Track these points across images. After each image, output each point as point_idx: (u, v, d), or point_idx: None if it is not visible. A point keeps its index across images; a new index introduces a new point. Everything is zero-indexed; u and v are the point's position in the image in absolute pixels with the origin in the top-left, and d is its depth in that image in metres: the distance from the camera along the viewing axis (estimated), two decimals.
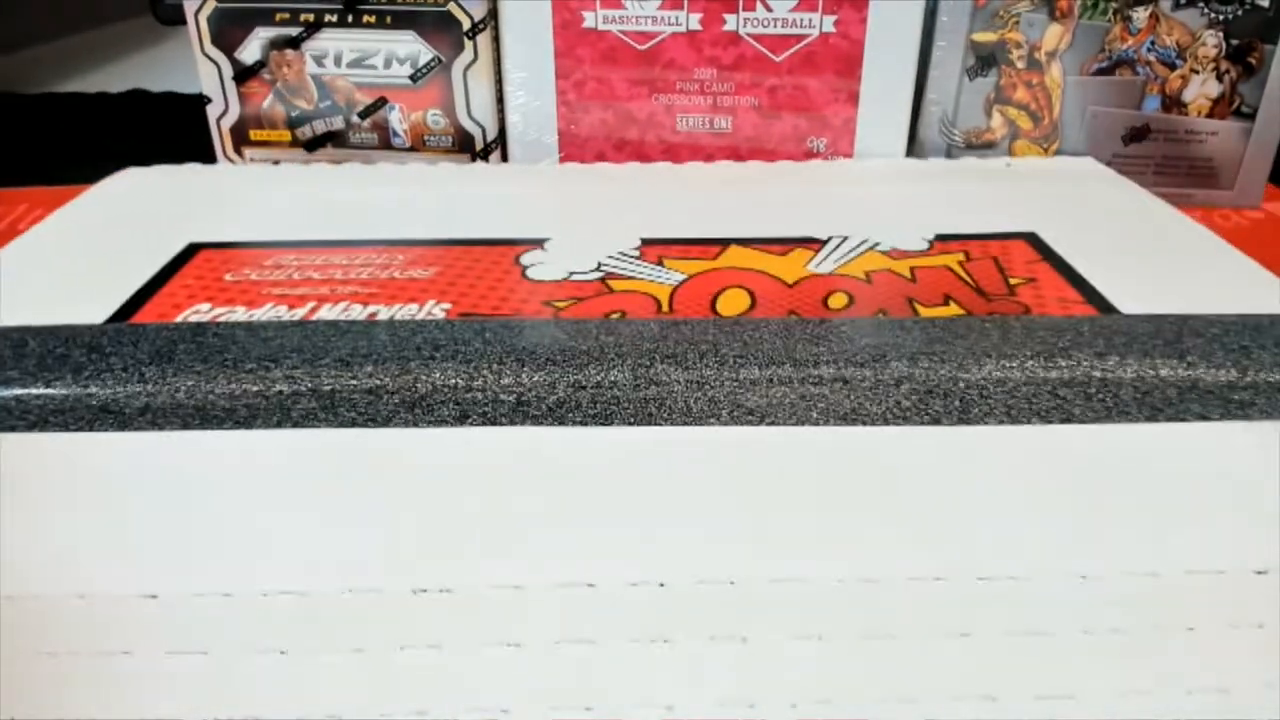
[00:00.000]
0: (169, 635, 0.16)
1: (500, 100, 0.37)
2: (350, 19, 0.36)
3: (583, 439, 0.20)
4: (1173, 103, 0.36)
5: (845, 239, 0.28)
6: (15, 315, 0.23)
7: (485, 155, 0.37)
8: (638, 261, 0.27)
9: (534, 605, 0.16)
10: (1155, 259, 0.27)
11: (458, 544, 0.17)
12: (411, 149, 0.38)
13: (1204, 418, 0.21)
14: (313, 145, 0.38)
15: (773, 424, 0.20)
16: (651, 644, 0.16)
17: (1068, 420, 0.21)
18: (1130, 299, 0.24)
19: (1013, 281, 0.25)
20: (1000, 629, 0.16)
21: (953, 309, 0.24)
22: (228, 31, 0.36)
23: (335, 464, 0.20)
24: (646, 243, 0.28)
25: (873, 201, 0.31)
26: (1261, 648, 0.16)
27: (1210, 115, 0.36)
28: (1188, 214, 0.30)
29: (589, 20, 0.35)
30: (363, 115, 0.37)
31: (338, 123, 0.37)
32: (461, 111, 0.37)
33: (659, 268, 0.26)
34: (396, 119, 0.37)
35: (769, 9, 0.34)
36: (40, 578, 0.17)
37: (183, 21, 0.36)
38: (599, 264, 0.26)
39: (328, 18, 0.36)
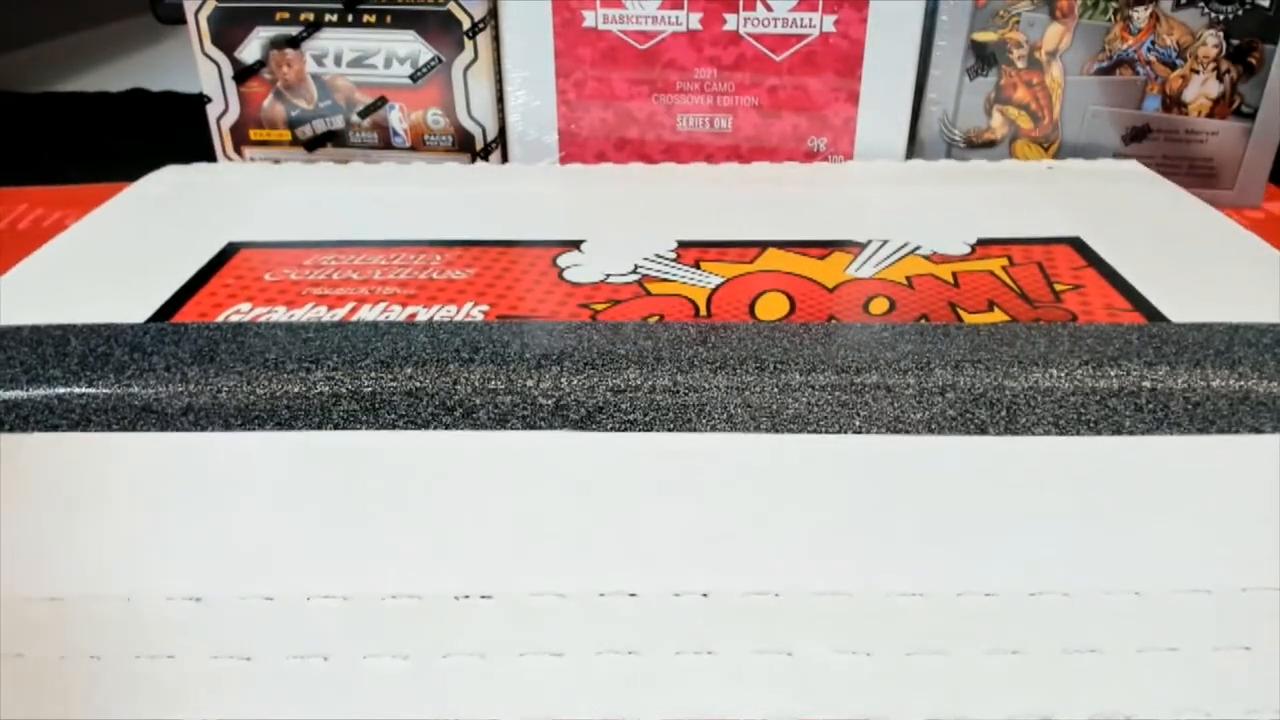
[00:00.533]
0: (212, 639, 0.16)
1: (500, 100, 0.37)
2: (350, 18, 0.36)
3: (623, 445, 0.20)
4: (1173, 102, 0.36)
5: (885, 242, 0.28)
6: (57, 312, 0.23)
7: (485, 155, 0.37)
8: (674, 264, 0.26)
9: (576, 613, 0.16)
10: (1204, 265, 0.26)
11: (498, 550, 0.17)
12: (411, 149, 0.38)
13: (1257, 430, 0.20)
14: (313, 145, 0.38)
15: (815, 432, 0.20)
16: (694, 655, 0.16)
17: (1118, 431, 0.20)
18: (1179, 307, 0.24)
19: (1058, 288, 0.25)
20: (1051, 646, 0.16)
21: (997, 315, 0.23)
22: (228, 31, 0.36)
23: (375, 468, 0.20)
24: (683, 245, 0.28)
25: (912, 204, 0.31)
26: None
27: (1210, 115, 0.36)
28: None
29: (589, 20, 0.35)
30: (363, 115, 0.37)
31: (338, 122, 0.37)
32: (462, 111, 0.37)
33: (696, 270, 0.26)
34: (396, 118, 0.37)
35: (769, 9, 0.34)
36: (83, 579, 0.17)
37: (183, 21, 0.36)
38: (635, 266, 0.26)
39: (328, 17, 0.36)
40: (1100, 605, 0.16)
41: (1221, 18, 0.34)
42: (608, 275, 0.26)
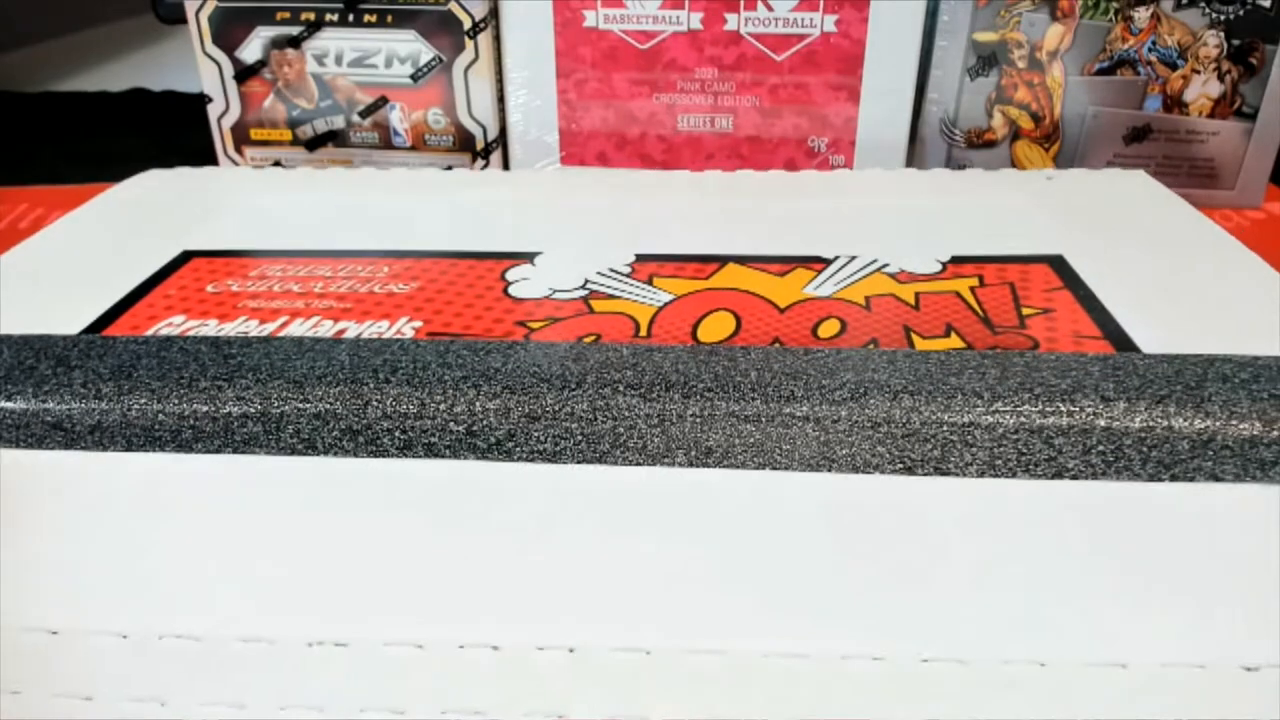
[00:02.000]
0: (65, 674, 0.15)
1: (501, 99, 0.37)
2: (351, 18, 0.36)
3: (529, 477, 0.19)
4: (1174, 103, 0.36)
5: (853, 259, 0.26)
6: (10, 319, 0.23)
7: (486, 155, 0.37)
8: (627, 279, 0.25)
9: (428, 667, 0.15)
10: (1194, 290, 0.24)
11: (361, 595, 0.16)
12: (412, 148, 0.38)
13: (1215, 478, 0.18)
14: (313, 145, 0.38)
15: (731, 467, 0.19)
16: (544, 717, 0.14)
17: (1059, 475, 0.18)
18: (1156, 337, 0.22)
19: (1025, 312, 0.23)
20: (945, 716, 0.14)
21: (953, 341, 0.22)
22: (228, 31, 0.36)
23: (265, 493, 0.18)
24: (641, 259, 0.26)
25: (893, 217, 0.29)
26: None
27: (1211, 115, 0.36)
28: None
29: (590, 19, 0.35)
30: (363, 114, 0.37)
31: (338, 122, 0.37)
32: (462, 111, 0.37)
33: (647, 287, 0.25)
34: (397, 118, 0.37)
35: (770, 8, 0.34)
36: None
37: (183, 20, 0.36)
38: (585, 281, 0.25)
39: (328, 17, 0.36)
40: (1000, 674, 0.14)
41: (1222, 18, 0.34)
42: (553, 291, 0.25)
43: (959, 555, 0.17)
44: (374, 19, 0.36)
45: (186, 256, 0.27)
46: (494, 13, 0.35)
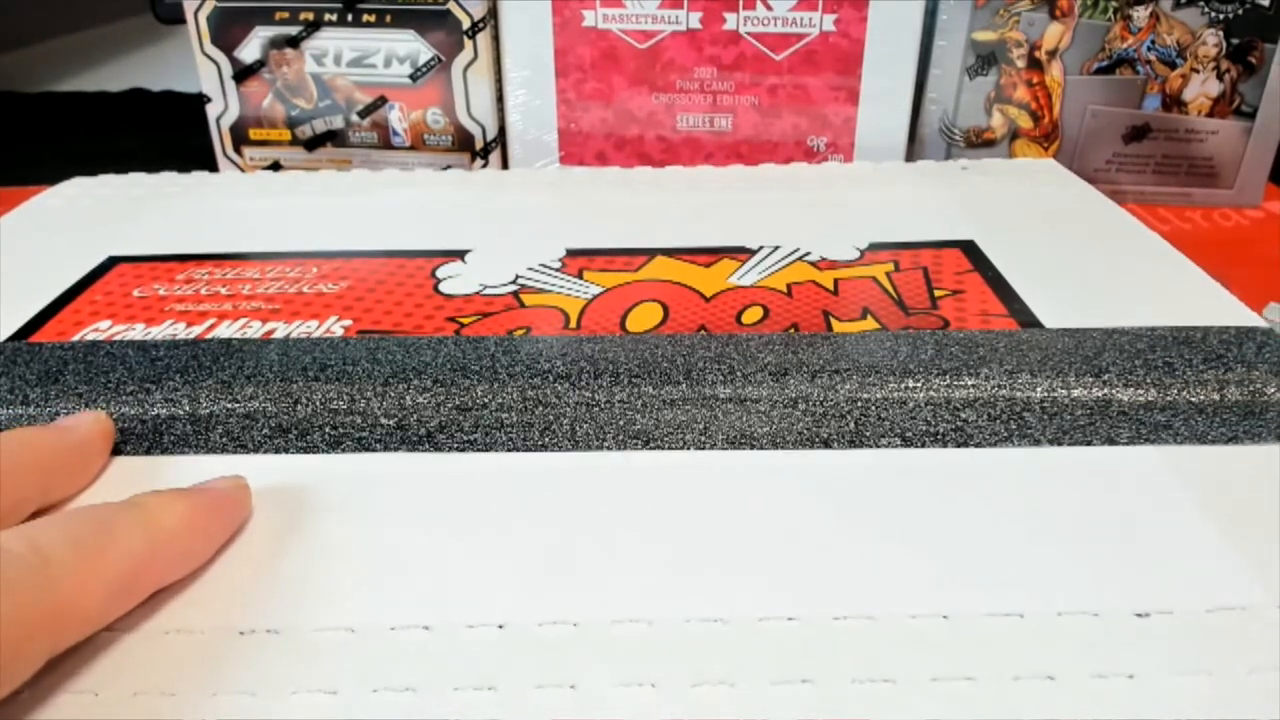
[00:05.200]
0: None
1: (500, 99, 0.37)
2: (350, 18, 0.36)
3: (460, 466, 0.19)
4: (1173, 102, 0.36)
5: (776, 248, 0.27)
6: None
7: (485, 154, 0.37)
8: (557, 274, 0.26)
9: (360, 651, 0.15)
10: (1097, 270, 0.25)
11: (301, 583, 0.16)
12: (411, 148, 0.38)
13: (1112, 441, 0.19)
14: (312, 144, 0.38)
15: (659, 448, 0.19)
16: (475, 691, 0.14)
17: (964, 444, 0.19)
18: (1059, 313, 0.23)
19: (937, 294, 0.24)
20: (846, 674, 0.14)
21: (869, 323, 0.23)
22: (227, 31, 0.36)
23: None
24: (571, 253, 0.27)
25: (816, 207, 0.30)
26: (1130, 702, 0.14)
27: (1210, 114, 0.36)
28: (1157, 220, 0.28)
29: (589, 19, 0.35)
30: (362, 114, 0.37)
31: (337, 122, 0.37)
32: (461, 110, 0.37)
33: (577, 280, 0.25)
34: (396, 118, 0.37)
35: (769, 8, 0.34)
36: None
37: (182, 21, 0.36)
38: (515, 276, 0.26)
39: (327, 17, 0.36)
40: (905, 629, 0.15)
41: (1221, 17, 0.34)
42: (484, 287, 0.25)
43: (871, 521, 0.17)
44: (373, 19, 0.36)
45: (112, 262, 0.27)
46: (493, 12, 0.35)
